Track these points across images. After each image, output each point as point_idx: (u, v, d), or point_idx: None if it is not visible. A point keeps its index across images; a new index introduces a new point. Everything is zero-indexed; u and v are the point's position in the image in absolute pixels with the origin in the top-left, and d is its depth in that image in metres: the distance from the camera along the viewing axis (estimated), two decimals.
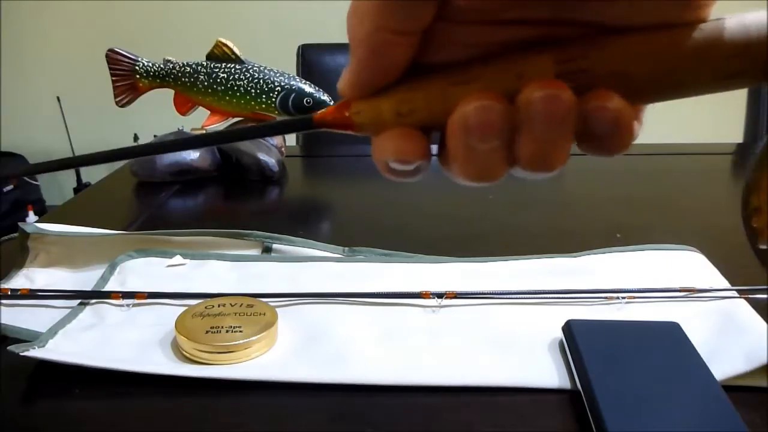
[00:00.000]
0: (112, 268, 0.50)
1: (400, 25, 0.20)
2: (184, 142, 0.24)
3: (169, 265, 0.51)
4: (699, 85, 0.21)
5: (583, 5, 0.20)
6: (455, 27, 0.21)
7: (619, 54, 0.20)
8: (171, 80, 0.76)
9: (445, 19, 0.20)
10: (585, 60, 0.20)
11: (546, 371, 0.38)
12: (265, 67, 0.75)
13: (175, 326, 0.39)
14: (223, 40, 0.74)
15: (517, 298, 0.45)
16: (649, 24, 0.20)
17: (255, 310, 0.41)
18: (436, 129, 0.22)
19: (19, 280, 0.49)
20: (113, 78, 0.77)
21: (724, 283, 0.46)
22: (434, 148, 0.22)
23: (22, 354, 0.37)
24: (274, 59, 0.87)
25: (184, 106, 0.77)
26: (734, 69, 0.20)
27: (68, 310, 0.44)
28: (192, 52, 0.81)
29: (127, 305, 0.45)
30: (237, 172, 0.79)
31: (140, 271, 0.50)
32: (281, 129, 0.26)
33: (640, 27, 0.20)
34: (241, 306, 0.42)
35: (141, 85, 0.76)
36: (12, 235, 0.53)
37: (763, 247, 0.25)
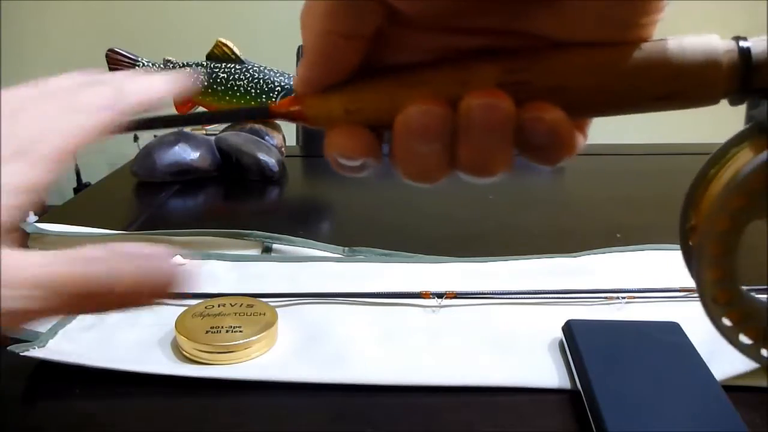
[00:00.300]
0: None
1: (347, 30, 0.21)
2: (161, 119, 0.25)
3: None
4: (636, 103, 0.21)
5: (526, 18, 0.21)
6: (407, 32, 0.21)
7: (560, 68, 0.21)
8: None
9: (398, 24, 0.21)
10: (527, 72, 0.21)
11: (546, 371, 0.38)
12: (265, 67, 0.75)
13: (175, 326, 0.39)
14: (223, 40, 0.74)
15: (517, 298, 0.45)
16: (591, 40, 0.21)
17: (255, 310, 0.41)
18: (384, 128, 0.23)
19: None
20: None
21: None
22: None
23: (22, 354, 0.37)
24: (274, 59, 0.87)
25: (184, 106, 0.77)
26: (669, 90, 0.21)
27: None
28: (192, 52, 0.81)
29: None
30: (237, 172, 0.79)
31: None
32: (241, 116, 0.27)
33: (584, 43, 0.21)
34: (241, 306, 0.42)
35: None
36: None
37: (696, 264, 0.25)
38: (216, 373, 0.37)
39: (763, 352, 0.23)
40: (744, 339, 0.23)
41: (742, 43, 0.20)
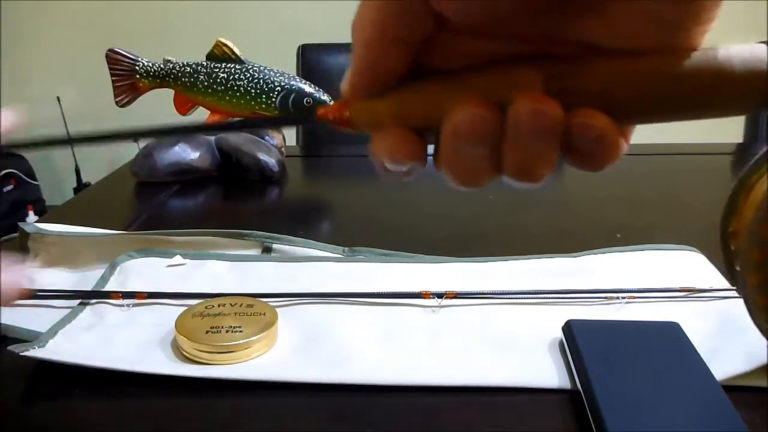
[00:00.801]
0: (112, 268, 0.50)
1: (398, 37, 0.21)
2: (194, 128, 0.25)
3: (169, 265, 0.51)
4: (682, 111, 0.21)
5: (572, 25, 0.21)
6: (454, 38, 0.21)
7: (606, 75, 0.21)
8: (171, 80, 0.75)
9: (444, 30, 0.21)
10: (573, 78, 0.21)
11: (546, 371, 0.38)
12: (265, 67, 0.75)
13: (175, 326, 0.39)
14: (223, 40, 0.74)
15: (517, 298, 0.45)
16: (637, 47, 0.21)
17: (255, 310, 0.41)
18: (431, 132, 0.23)
19: None
20: (113, 78, 0.77)
21: (724, 283, 0.46)
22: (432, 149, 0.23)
23: (22, 354, 0.37)
24: (274, 59, 0.87)
25: (184, 106, 0.77)
26: (716, 99, 0.21)
27: (68, 310, 0.44)
28: (192, 52, 0.81)
29: (127, 305, 0.45)
30: (237, 172, 0.79)
31: (140, 271, 0.50)
32: (284, 122, 0.27)
33: (627, 50, 0.21)
34: (241, 306, 0.42)
35: (141, 85, 0.76)
36: (12, 235, 0.53)
37: (738, 269, 0.25)
38: (216, 373, 0.37)
39: None
40: None
41: None
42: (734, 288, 0.44)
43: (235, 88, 0.74)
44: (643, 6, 0.20)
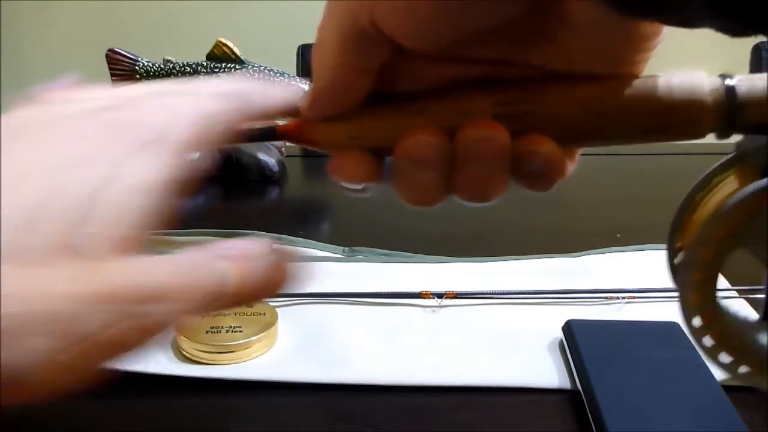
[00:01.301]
0: None
1: (357, 64, 0.22)
2: None
3: None
4: (625, 136, 0.22)
5: (524, 50, 0.22)
6: (409, 62, 0.22)
7: (554, 101, 0.22)
8: (171, 80, 0.75)
9: (401, 56, 0.22)
10: (522, 104, 0.22)
11: (546, 371, 0.38)
12: (265, 67, 0.74)
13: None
14: (223, 40, 0.74)
15: (517, 298, 0.45)
16: (586, 72, 0.22)
17: (255, 310, 0.41)
18: (386, 154, 0.24)
19: None
20: (113, 78, 0.77)
21: (724, 283, 0.46)
22: None
23: None
24: (274, 59, 0.87)
25: None
26: (658, 126, 0.22)
27: None
28: (192, 52, 0.81)
29: None
30: (237, 172, 0.79)
31: None
32: (246, 137, 0.27)
33: (575, 75, 0.22)
34: (241, 306, 0.42)
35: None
36: None
37: (678, 287, 0.25)
38: (216, 373, 0.37)
39: (742, 368, 0.23)
40: (724, 357, 0.24)
41: (728, 82, 0.21)
42: (730, 288, 0.44)
43: None
44: (587, 37, 0.21)
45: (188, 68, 0.75)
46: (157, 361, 0.38)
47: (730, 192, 0.23)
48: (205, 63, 0.75)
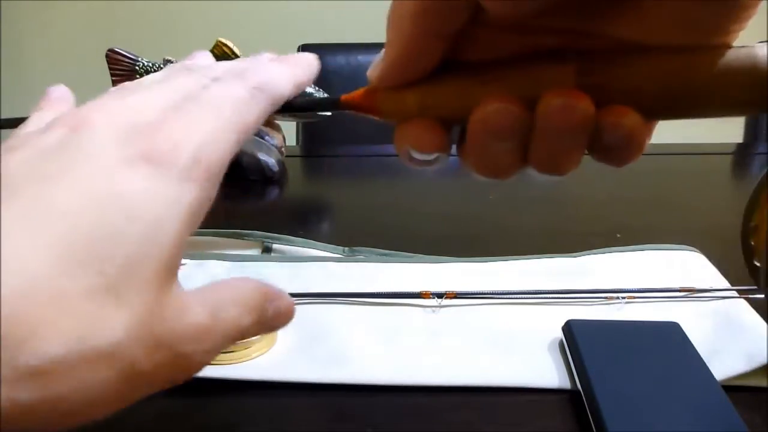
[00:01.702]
0: None
1: (435, 29, 0.21)
2: None
3: None
4: (714, 109, 0.21)
5: (606, 20, 0.21)
6: (486, 30, 0.21)
7: (638, 72, 0.21)
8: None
9: (477, 23, 0.21)
10: (604, 74, 0.21)
11: (546, 371, 0.38)
12: None
13: None
14: (223, 40, 0.74)
15: (517, 298, 0.45)
16: (670, 44, 0.21)
17: None
18: (457, 123, 0.23)
19: None
20: (113, 78, 0.77)
21: (724, 283, 0.46)
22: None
23: None
24: None
25: None
26: (749, 98, 0.21)
27: None
28: (192, 52, 0.81)
29: None
30: (237, 172, 0.79)
31: None
32: (309, 107, 0.27)
33: (661, 47, 0.21)
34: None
35: None
36: None
37: (757, 264, 0.25)
38: (216, 373, 0.37)
39: None
40: None
41: None
42: (730, 288, 0.44)
43: None
44: (679, 5, 0.20)
45: None
46: None
47: None
48: None
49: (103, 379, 0.17)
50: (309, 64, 0.26)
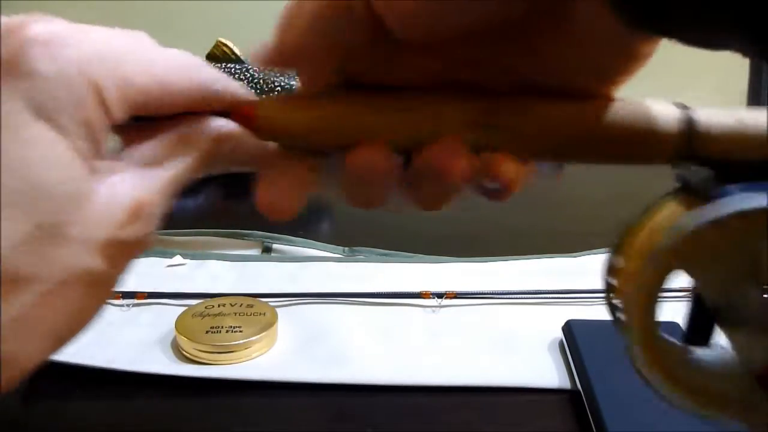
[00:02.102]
0: None
1: (332, 37, 0.20)
2: None
3: (169, 265, 0.51)
4: (591, 157, 0.22)
5: (508, 56, 0.21)
6: (388, 50, 0.21)
7: (527, 117, 0.22)
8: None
9: (380, 40, 0.20)
10: (496, 116, 0.21)
11: (546, 371, 0.38)
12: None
13: (175, 326, 0.39)
14: (223, 40, 0.74)
15: (517, 298, 0.45)
16: (566, 87, 0.21)
17: (255, 310, 0.41)
18: (334, 151, 0.22)
19: None
20: None
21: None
22: None
23: None
24: None
25: None
26: (621, 150, 0.22)
27: None
28: (192, 52, 0.81)
29: (127, 305, 0.45)
30: (237, 172, 0.79)
31: (140, 271, 0.50)
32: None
33: (561, 89, 0.21)
34: (241, 306, 0.42)
35: None
36: None
37: (615, 303, 0.26)
38: (216, 373, 0.37)
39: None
40: (654, 374, 0.25)
41: (689, 113, 0.22)
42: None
43: None
44: (582, 52, 0.20)
45: None
46: (157, 361, 0.39)
47: (672, 219, 0.23)
48: None
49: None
50: None
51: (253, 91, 0.73)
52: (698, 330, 0.27)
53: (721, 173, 0.22)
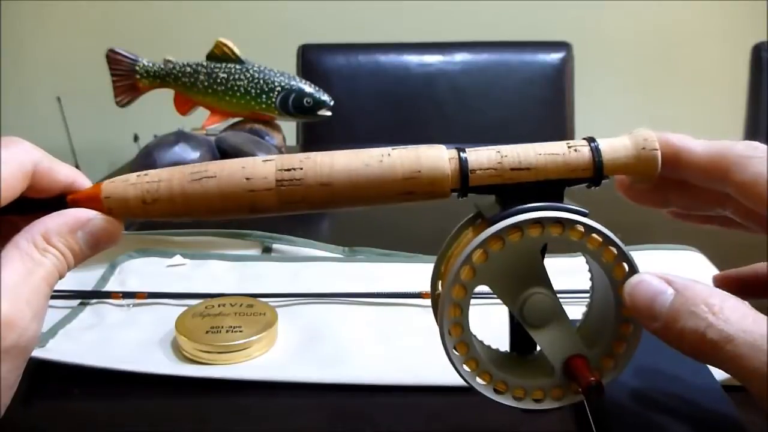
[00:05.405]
0: (112, 268, 0.50)
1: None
2: None
3: (169, 265, 0.51)
4: (383, 200, 0.27)
5: None
6: None
7: (324, 169, 0.27)
8: (171, 80, 0.76)
9: None
10: (299, 170, 0.27)
11: None
12: (265, 67, 0.75)
13: (175, 326, 0.39)
14: (223, 40, 0.74)
15: None
16: None
17: (255, 310, 0.41)
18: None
19: None
20: (113, 78, 0.77)
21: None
22: None
23: None
24: (274, 59, 0.87)
25: (184, 106, 0.77)
26: (410, 191, 0.26)
27: (68, 310, 0.44)
28: (192, 52, 0.81)
29: (128, 305, 0.45)
30: None
31: (140, 271, 0.50)
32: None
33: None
34: (241, 306, 0.42)
35: (141, 85, 0.76)
36: None
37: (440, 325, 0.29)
38: (216, 373, 0.37)
39: (495, 390, 0.29)
40: (479, 380, 0.29)
41: (461, 154, 0.27)
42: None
43: (235, 88, 0.74)
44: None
45: (188, 68, 0.75)
46: (157, 361, 0.39)
47: (469, 242, 0.27)
48: (205, 63, 0.75)
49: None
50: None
51: (252, 91, 0.73)
52: (520, 339, 0.31)
53: (503, 198, 0.27)
